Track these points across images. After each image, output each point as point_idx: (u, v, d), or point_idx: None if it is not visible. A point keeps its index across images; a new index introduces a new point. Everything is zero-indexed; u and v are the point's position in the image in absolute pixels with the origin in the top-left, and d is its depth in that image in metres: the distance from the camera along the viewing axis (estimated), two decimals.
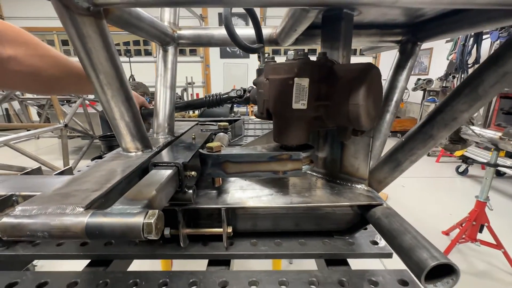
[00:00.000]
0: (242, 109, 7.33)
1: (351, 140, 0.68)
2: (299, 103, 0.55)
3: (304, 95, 0.54)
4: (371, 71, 0.52)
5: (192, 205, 0.61)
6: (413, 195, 3.63)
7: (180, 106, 0.94)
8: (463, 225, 2.56)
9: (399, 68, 0.84)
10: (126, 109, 0.55)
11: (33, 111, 6.72)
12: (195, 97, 7.04)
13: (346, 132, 0.59)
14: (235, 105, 4.21)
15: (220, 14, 8.06)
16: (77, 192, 0.40)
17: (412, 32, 0.82)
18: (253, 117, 3.56)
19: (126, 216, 0.34)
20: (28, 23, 7.84)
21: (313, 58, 0.56)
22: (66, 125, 3.32)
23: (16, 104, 6.78)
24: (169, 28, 0.81)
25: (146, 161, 0.58)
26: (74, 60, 0.81)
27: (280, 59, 0.56)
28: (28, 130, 3.44)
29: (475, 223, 2.41)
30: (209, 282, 0.55)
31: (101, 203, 0.40)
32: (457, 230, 2.64)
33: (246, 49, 0.63)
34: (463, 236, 2.47)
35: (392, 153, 0.66)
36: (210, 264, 0.66)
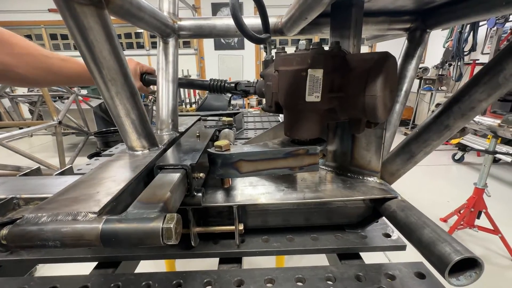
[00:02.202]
0: (239, 101, 7.26)
1: (363, 132, 0.66)
2: (313, 96, 0.52)
3: (318, 87, 0.52)
4: (387, 60, 0.50)
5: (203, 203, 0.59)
6: (410, 183, 3.64)
7: (183, 83, 0.91)
8: (461, 211, 2.60)
9: (408, 56, 0.81)
10: (132, 106, 0.52)
11: (24, 108, 6.54)
12: (191, 91, 6.92)
13: (359, 125, 0.58)
14: (232, 97, 4.15)
15: (213, 4, 7.86)
16: (86, 196, 0.38)
17: (421, 19, 0.80)
18: (251, 109, 3.51)
19: (143, 221, 0.32)
20: (15, 17, 7.56)
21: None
22: (60, 122, 3.25)
23: (6, 102, 6.60)
24: (169, 18, 0.77)
25: (153, 160, 0.55)
26: (56, 55, 0.84)
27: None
28: (20, 128, 3.36)
29: (473, 210, 2.45)
30: (223, 281, 0.54)
31: (112, 207, 0.38)
32: (455, 217, 2.68)
33: (253, 39, 0.60)
34: (461, 223, 2.51)
35: (405, 144, 0.64)
36: (221, 262, 0.65)
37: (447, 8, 0.72)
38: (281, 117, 2.00)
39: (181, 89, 7.25)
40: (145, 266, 0.80)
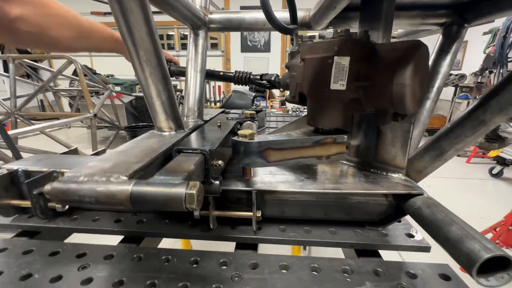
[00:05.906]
0: (262, 103, 7.31)
1: (389, 126, 0.64)
2: (338, 84, 0.52)
3: (344, 75, 0.51)
4: (419, 48, 0.48)
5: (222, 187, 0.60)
6: (440, 196, 3.40)
7: (209, 73, 0.92)
8: (497, 229, 2.39)
9: (442, 52, 0.78)
10: (163, 88, 0.56)
11: (65, 102, 7.12)
12: (217, 89, 7.13)
13: (386, 116, 0.56)
14: (255, 99, 4.21)
15: (241, 7, 8.02)
16: (119, 163, 0.41)
17: (459, 13, 0.76)
18: (274, 110, 3.53)
19: (168, 186, 0.34)
20: None
21: None
22: (95, 115, 3.48)
23: (50, 95, 7.23)
24: (201, 11, 0.81)
25: (178, 141, 0.58)
26: (84, 18, 0.83)
27: None
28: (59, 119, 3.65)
29: (511, 228, 2.24)
30: (239, 263, 0.55)
31: (141, 175, 0.41)
32: (489, 235, 2.47)
33: (282, 30, 0.61)
34: (497, 241, 2.31)
35: (435, 140, 0.61)
36: (238, 247, 0.66)
37: (488, 1, 0.68)
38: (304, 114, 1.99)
39: (207, 87, 7.50)
40: (164, 245, 0.84)
